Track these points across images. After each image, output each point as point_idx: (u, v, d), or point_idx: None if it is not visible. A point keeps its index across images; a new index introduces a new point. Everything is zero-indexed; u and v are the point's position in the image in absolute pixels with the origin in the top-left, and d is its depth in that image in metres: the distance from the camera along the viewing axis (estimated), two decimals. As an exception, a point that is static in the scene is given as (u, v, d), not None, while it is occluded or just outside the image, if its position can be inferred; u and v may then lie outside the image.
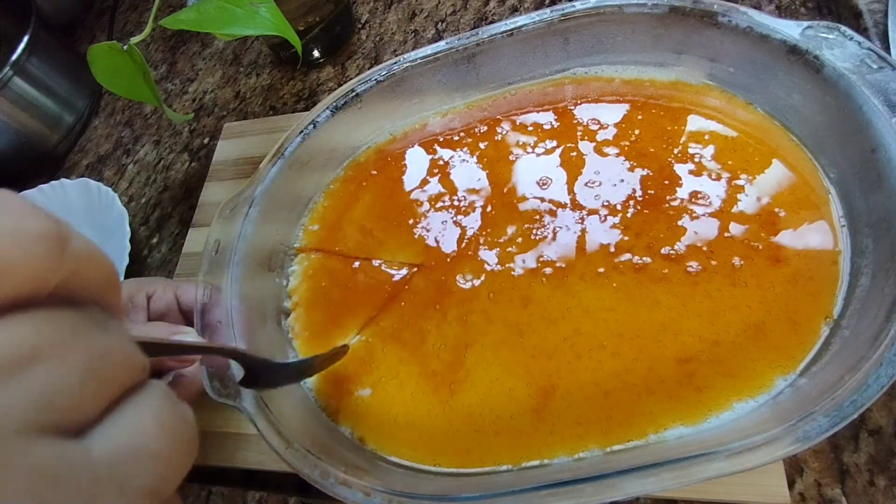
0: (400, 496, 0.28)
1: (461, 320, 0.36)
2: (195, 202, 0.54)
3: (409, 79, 0.42)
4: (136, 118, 0.66)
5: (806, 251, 0.33)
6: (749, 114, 0.38)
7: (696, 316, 0.33)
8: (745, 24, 0.36)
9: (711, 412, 0.30)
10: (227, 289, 0.36)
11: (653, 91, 0.41)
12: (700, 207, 0.36)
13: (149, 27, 0.43)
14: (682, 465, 0.25)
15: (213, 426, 0.41)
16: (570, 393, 0.33)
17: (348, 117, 0.43)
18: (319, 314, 0.39)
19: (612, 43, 0.41)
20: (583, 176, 0.39)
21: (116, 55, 0.44)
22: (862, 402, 0.24)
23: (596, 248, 0.36)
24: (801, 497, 0.31)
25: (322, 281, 0.41)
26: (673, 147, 0.39)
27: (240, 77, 0.63)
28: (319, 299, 0.40)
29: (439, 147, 0.44)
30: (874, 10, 0.42)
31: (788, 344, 0.31)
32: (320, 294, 0.40)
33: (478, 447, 0.32)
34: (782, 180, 0.36)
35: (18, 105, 0.60)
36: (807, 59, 0.34)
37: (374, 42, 0.59)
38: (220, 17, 0.40)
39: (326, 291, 0.40)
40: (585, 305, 0.35)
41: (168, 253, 0.54)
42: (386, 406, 0.35)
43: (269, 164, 0.40)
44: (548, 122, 0.42)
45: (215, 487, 0.39)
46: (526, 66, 0.43)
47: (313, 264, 0.42)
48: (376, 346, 0.37)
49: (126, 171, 0.62)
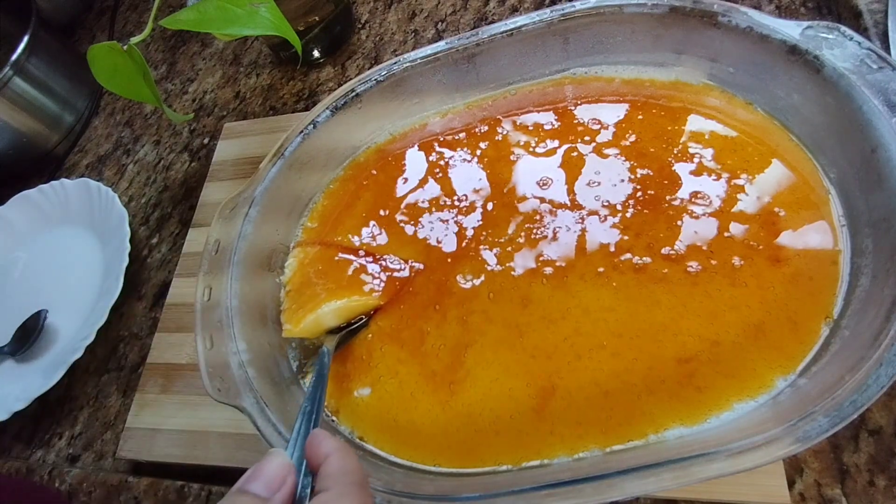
0: (400, 496, 0.28)
1: (461, 320, 0.36)
2: (195, 202, 0.54)
3: (409, 79, 0.42)
4: (136, 118, 0.66)
5: (806, 251, 0.33)
6: (749, 114, 0.38)
7: (695, 316, 0.33)
8: (745, 24, 0.36)
9: (711, 412, 0.30)
10: (227, 289, 0.36)
11: (653, 91, 0.41)
12: (700, 207, 0.36)
13: (149, 27, 0.43)
14: (682, 465, 0.25)
15: (213, 426, 0.41)
16: (569, 393, 0.33)
17: (348, 117, 0.43)
18: (309, 291, 0.39)
19: (612, 43, 0.41)
20: (583, 176, 0.39)
21: (116, 55, 0.44)
22: (862, 402, 0.24)
23: (596, 248, 0.36)
24: (801, 497, 0.31)
25: (316, 266, 0.40)
26: (673, 147, 0.39)
27: (240, 77, 0.63)
28: (309, 280, 0.40)
29: (439, 147, 0.44)
30: (874, 10, 0.42)
31: (788, 344, 0.31)
32: (310, 277, 0.40)
33: (478, 447, 0.32)
34: (782, 180, 0.36)
35: (18, 105, 0.60)
36: (807, 59, 0.34)
37: (374, 42, 0.59)
38: (220, 17, 0.40)
39: (318, 273, 0.40)
40: (585, 305, 0.35)
41: (168, 253, 0.54)
42: (386, 406, 0.35)
43: (269, 164, 0.40)
44: (548, 122, 0.42)
45: (215, 487, 0.39)
46: (526, 66, 0.43)
47: (309, 255, 0.41)
48: (375, 345, 0.37)
49: (126, 171, 0.62)
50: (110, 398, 0.48)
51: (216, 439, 0.40)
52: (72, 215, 0.57)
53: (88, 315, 0.50)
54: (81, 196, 0.56)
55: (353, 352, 0.38)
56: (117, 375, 0.48)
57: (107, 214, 0.53)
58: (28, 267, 0.57)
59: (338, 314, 0.38)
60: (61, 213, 0.57)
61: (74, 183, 0.57)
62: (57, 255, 0.56)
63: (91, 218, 0.55)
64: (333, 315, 0.37)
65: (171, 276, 0.50)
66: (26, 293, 0.55)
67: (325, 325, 0.38)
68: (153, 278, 0.53)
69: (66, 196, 0.57)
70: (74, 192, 0.57)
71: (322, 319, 0.37)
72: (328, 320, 0.37)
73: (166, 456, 0.41)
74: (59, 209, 0.58)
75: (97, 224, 0.55)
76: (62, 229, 0.57)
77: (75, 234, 0.56)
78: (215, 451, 0.40)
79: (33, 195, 0.58)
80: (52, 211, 0.58)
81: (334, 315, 0.38)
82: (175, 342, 0.46)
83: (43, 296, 0.54)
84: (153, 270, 0.53)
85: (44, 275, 0.56)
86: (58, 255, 0.56)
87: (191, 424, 0.41)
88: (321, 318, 0.37)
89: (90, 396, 0.48)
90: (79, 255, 0.55)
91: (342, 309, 0.38)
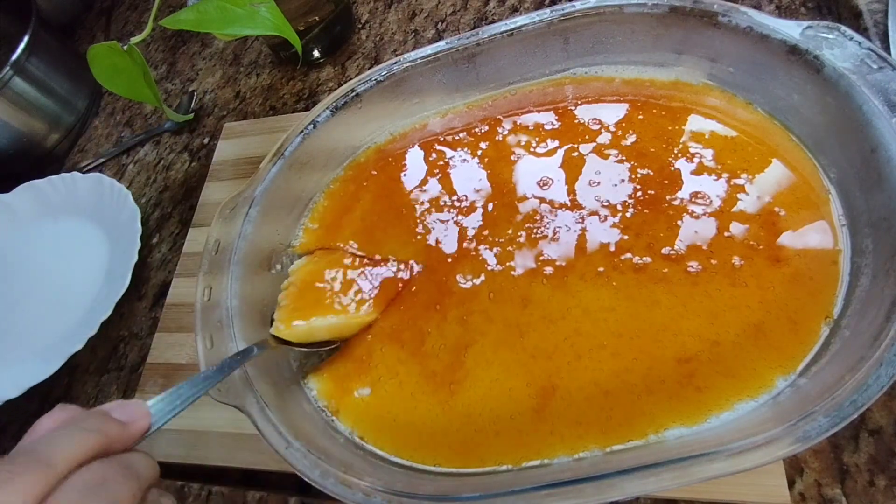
0: (400, 496, 0.28)
1: (461, 320, 0.36)
2: (195, 202, 0.54)
3: (409, 79, 0.42)
4: (136, 118, 0.66)
5: (806, 251, 0.33)
6: (749, 114, 0.38)
7: (696, 316, 0.33)
8: (745, 24, 0.36)
9: (711, 412, 0.30)
10: (227, 288, 0.36)
11: (653, 91, 0.41)
12: (700, 207, 0.36)
13: (149, 27, 0.43)
14: (682, 465, 0.25)
15: (213, 426, 0.41)
16: (570, 393, 0.33)
17: (348, 117, 0.43)
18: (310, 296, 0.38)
19: (612, 43, 0.41)
20: (583, 176, 0.39)
21: (116, 55, 0.44)
22: (862, 402, 0.24)
23: (596, 248, 0.36)
24: (801, 497, 0.31)
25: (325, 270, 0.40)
26: (673, 147, 0.39)
27: (240, 77, 0.63)
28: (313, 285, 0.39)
29: (439, 147, 0.44)
30: (874, 10, 0.42)
31: (788, 344, 0.31)
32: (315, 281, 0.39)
33: (478, 447, 0.32)
34: (782, 180, 0.36)
35: (18, 105, 0.60)
36: (807, 59, 0.34)
37: (374, 42, 0.59)
38: (220, 17, 0.40)
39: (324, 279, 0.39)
40: (585, 305, 0.35)
41: (168, 253, 0.54)
42: (386, 406, 0.35)
43: (269, 164, 0.40)
44: (548, 122, 0.42)
45: (215, 487, 0.39)
46: (526, 66, 0.43)
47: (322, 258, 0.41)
48: (375, 346, 0.37)
49: (126, 171, 0.62)
50: (110, 398, 0.48)
51: (216, 439, 0.40)
52: (80, 208, 0.57)
53: (90, 308, 0.49)
54: (93, 191, 0.56)
55: (353, 352, 0.37)
56: (117, 375, 0.48)
57: (118, 211, 0.53)
58: (29, 255, 0.57)
59: (330, 331, 0.37)
60: (68, 204, 0.57)
61: (87, 177, 0.57)
62: (61, 246, 0.56)
63: (100, 213, 0.55)
64: (326, 331, 0.37)
65: (171, 276, 0.50)
66: (25, 281, 0.55)
67: (314, 337, 0.37)
68: (153, 278, 0.53)
69: (76, 188, 0.57)
70: (85, 187, 0.57)
71: (313, 331, 0.36)
72: (319, 334, 0.37)
73: (166, 456, 0.41)
74: (66, 201, 0.57)
75: (106, 219, 0.55)
76: (69, 221, 0.57)
77: (82, 226, 0.56)
78: (215, 451, 0.40)
79: (41, 185, 0.58)
80: (59, 202, 0.58)
81: (327, 331, 0.37)
82: (175, 342, 0.46)
83: (44, 284, 0.54)
84: (153, 270, 0.53)
85: (45, 264, 0.56)
86: (62, 246, 0.56)
87: (191, 424, 0.41)
88: (313, 329, 0.36)
89: (90, 396, 0.48)
90: (84, 248, 0.55)
91: (336, 326, 0.37)
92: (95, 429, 0.22)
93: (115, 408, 0.24)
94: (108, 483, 0.20)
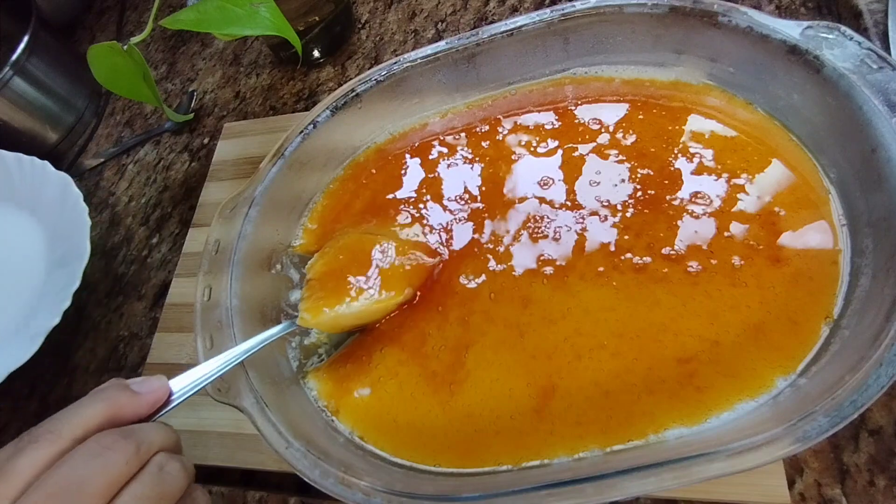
0: (400, 496, 0.28)
1: (461, 320, 0.36)
2: (195, 202, 0.54)
3: (409, 79, 0.42)
4: (136, 118, 0.66)
5: (806, 251, 0.33)
6: (749, 114, 0.38)
7: (696, 316, 0.33)
8: (745, 24, 0.36)
9: (711, 412, 0.30)
10: (227, 288, 0.36)
11: (653, 91, 0.41)
12: (700, 207, 0.36)
13: (149, 27, 0.43)
14: (682, 465, 0.25)
15: (213, 426, 0.41)
16: (570, 393, 0.33)
17: (348, 117, 0.43)
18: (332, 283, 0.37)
19: (612, 43, 0.41)
20: (583, 176, 0.39)
21: (116, 55, 0.44)
22: (862, 402, 0.24)
23: (596, 248, 0.36)
24: (801, 497, 0.31)
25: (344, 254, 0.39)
26: (673, 147, 0.39)
27: (240, 77, 0.63)
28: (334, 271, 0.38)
29: (439, 147, 0.44)
30: (874, 10, 0.42)
31: (788, 344, 0.31)
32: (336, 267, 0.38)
33: (478, 447, 0.32)
34: (782, 180, 0.36)
35: (18, 105, 0.60)
36: (807, 59, 0.34)
37: (374, 42, 0.59)
38: (220, 17, 0.40)
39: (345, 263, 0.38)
40: (585, 305, 0.35)
41: (168, 253, 0.54)
42: (386, 406, 0.35)
43: (269, 164, 0.40)
44: (548, 122, 0.42)
45: (215, 487, 0.39)
46: (526, 66, 0.43)
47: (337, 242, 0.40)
48: (375, 346, 0.37)
49: (126, 171, 0.62)
50: (110, 398, 0.47)
51: (216, 439, 0.40)
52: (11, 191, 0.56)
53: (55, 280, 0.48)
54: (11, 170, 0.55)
55: (353, 352, 0.37)
56: (117, 375, 0.48)
57: (40, 184, 0.53)
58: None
59: (358, 317, 0.36)
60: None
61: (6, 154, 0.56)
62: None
63: (28, 190, 0.55)
64: (353, 318, 0.36)
65: (171, 276, 0.50)
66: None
67: (342, 324, 0.37)
68: (153, 278, 0.53)
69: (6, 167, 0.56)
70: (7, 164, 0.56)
71: (341, 319, 0.36)
72: (347, 321, 0.36)
73: (166, 456, 0.41)
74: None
75: (29, 199, 0.54)
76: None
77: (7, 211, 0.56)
78: (215, 451, 0.40)
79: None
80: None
81: (354, 318, 0.36)
82: (175, 342, 0.46)
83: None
84: (153, 270, 0.53)
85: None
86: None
87: (191, 424, 0.41)
88: (340, 316, 0.36)
89: (90, 396, 0.48)
90: (16, 233, 0.54)
91: (364, 312, 0.36)
92: (106, 398, 0.24)
93: (138, 381, 0.26)
94: (107, 451, 0.22)
